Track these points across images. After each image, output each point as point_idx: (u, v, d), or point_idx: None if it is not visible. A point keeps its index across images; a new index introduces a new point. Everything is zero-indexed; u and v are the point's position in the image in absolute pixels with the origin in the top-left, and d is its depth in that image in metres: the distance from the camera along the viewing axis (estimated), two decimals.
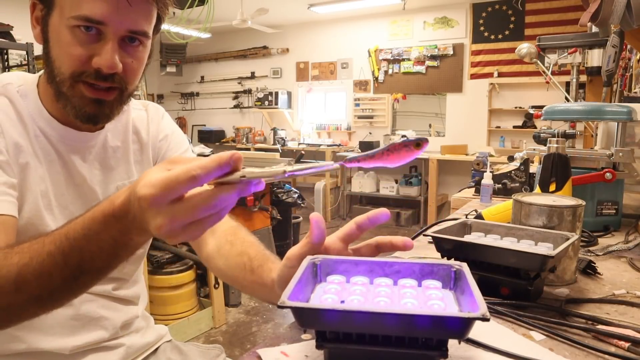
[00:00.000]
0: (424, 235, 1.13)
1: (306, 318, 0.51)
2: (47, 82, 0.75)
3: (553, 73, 2.53)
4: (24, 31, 4.28)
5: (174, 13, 4.43)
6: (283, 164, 0.50)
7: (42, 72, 0.81)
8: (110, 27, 0.70)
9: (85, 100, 0.73)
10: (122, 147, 0.90)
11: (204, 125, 7.87)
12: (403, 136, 0.55)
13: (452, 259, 0.79)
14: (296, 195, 3.80)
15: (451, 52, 5.89)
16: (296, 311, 0.50)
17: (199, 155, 4.14)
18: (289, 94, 7.05)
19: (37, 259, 0.53)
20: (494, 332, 0.66)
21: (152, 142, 0.95)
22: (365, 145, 6.00)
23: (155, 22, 0.77)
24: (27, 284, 0.53)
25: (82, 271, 0.54)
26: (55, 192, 0.79)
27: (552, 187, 1.07)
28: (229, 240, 0.84)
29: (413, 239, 1.17)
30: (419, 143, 0.51)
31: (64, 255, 0.53)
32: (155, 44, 0.83)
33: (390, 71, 6.32)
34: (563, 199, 0.93)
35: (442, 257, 0.82)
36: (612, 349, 0.62)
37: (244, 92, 7.51)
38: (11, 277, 0.53)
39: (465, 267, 0.60)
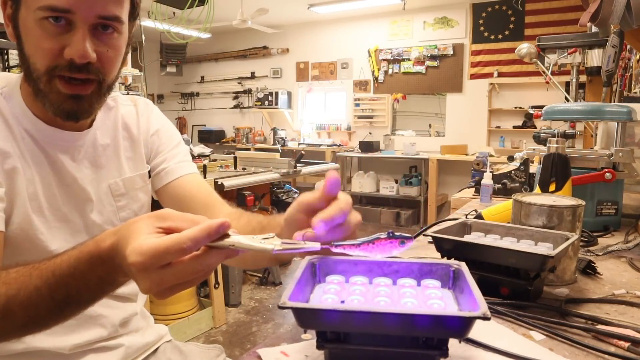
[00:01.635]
0: (424, 235, 1.13)
1: (307, 318, 0.51)
2: (25, 80, 0.74)
3: (553, 73, 2.53)
4: None
5: (174, 13, 4.44)
6: (273, 241, 0.51)
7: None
8: (78, 14, 0.68)
9: (62, 97, 0.71)
10: (112, 145, 0.88)
11: (204, 125, 7.87)
12: (390, 232, 0.57)
13: (452, 258, 0.79)
14: (296, 195, 3.80)
15: (451, 52, 5.89)
16: (297, 312, 0.50)
17: (199, 155, 4.14)
18: (289, 94, 7.06)
19: (24, 291, 0.54)
20: (494, 332, 0.66)
21: (144, 137, 0.94)
22: (365, 145, 6.00)
23: (129, 7, 0.75)
24: (14, 314, 0.55)
25: (68, 304, 0.55)
26: (45, 193, 0.78)
27: (552, 187, 1.07)
28: (235, 218, 0.84)
29: (413, 239, 1.17)
30: (403, 241, 0.56)
31: (51, 290, 0.54)
32: (155, 44, 0.82)
33: (390, 71, 6.32)
34: (563, 199, 0.93)
35: (442, 257, 0.82)
36: (612, 349, 0.62)
37: (244, 92, 7.51)
38: None
39: (464, 266, 0.61)
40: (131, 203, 0.91)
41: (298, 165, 3.55)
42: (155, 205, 0.97)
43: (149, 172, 0.94)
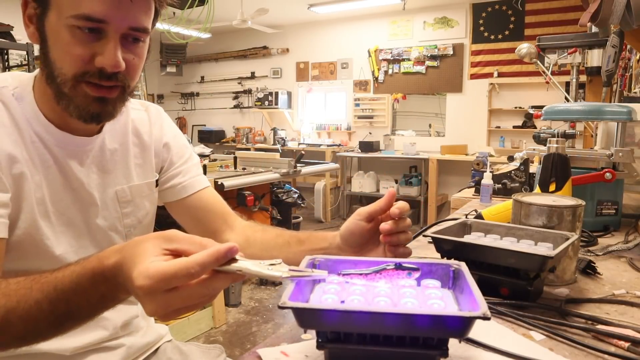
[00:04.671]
0: (424, 235, 1.13)
1: (307, 318, 0.51)
2: (46, 82, 0.74)
3: (553, 73, 2.53)
4: (24, 31, 4.27)
5: (174, 13, 4.44)
6: (280, 268, 0.51)
7: (37, 72, 0.79)
8: (112, 25, 0.69)
9: (89, 99, 0.72)
10: (120, 150, 0.88)
11: (204, 125, 7.87)
12: (397, 263, 0.60)
13: (452, 259, 0.79)
14: (296, 195, 3.80)
15: (451, 52, 5.89)
16: (297, 312, 0.50)
17: (199, 155, 4.14)
18: (289, 94, 7.05)
19: (24, 305, 0.54)
20: (494, 332, 0.66)
21: (155, 146, 0.93)
22: (365, 145, 5.99)
23: (153, 16, 0.76)
24: (13, 326, 0.55)
25: (68, 318, 0.55)
26: (52, 198, 0.78)
27: (552, 187, 1.07)
28: (258, 230, 0.92)
29: (413, 239, 1.17)
30: (410, 272, 0.58)
31: (51, 304, 0.54)
32: (155, 43, 0.82)
33: (390, 71, 6.32)
34: (563, 199, 0.93)
35: (442, 257, 0.82)
36: (612, 349, 0.62)
37: (244, 92, 7.51)
38: None
39: (463, 266, 0.61)
40: (136, 210, 0.90)
41: (298, 165, 3.55)
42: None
43: (157, 180, 0.94)
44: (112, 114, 0.77)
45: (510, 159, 2.07)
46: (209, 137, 7.37)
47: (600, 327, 0.67)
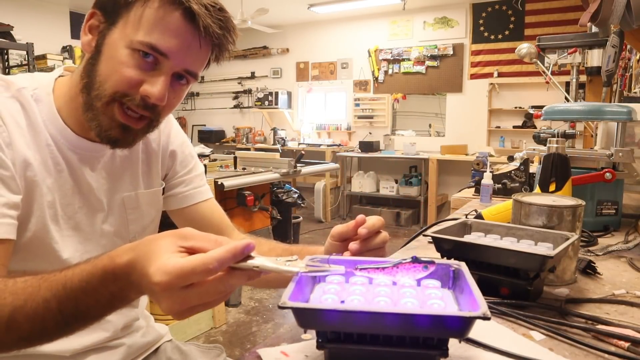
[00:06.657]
0: (424, 235, 1.13)
1: (307, 318, 0.51)
2: (81, 90, 0.73)
3: (553, 73, 2.53)
4: (24, 31, 4.28)
5: None
6: (297, 264, 0.52)
7: (56, 73, 0.79)
8: (171, 61, 0.70)
9: (114, 123, 0.72)
10: (129, 156, 0.88)
11: (204, 125, 7.87)
12: (413, 256, 0.60)
13: (452, 259, 0.79)
14: (296, 195, 3.80)
15: (451, 52, 5.89)
16: (297, 312, 0.50)
17: (199, 155, 4.14)
18: (289, 94, 7.06)
19: (31, 303, 0.53)
20: (494, 331, 0.66)
21: (162, 154, 0.94)
22: (365, 145, 6.00)
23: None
24: (19, 325, 0.54)
25: (76, 318, 0.54)
26: (61, 201, 0.78)
27: (552, 187, 1.07)
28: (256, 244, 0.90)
29: (413, 239, 1.17)
30: (426, 265, 0.59)
31: (60, 303, 0.53)
32: None
33: (390, 71, 6.32)
34: (563, 199, 0.93)
35: (442, 257, 0.82)
36: (612, 349, 0.62)
37: (244, 92, 7.51)
38: (3, 317, 0.54)
39: (463, 266, 0.61)
40: (142, 217, 0.91)
41: (298, 165, 3.55)
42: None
43: (163, 188, 0.95)
44: (131, 144, 0.77)
45: (510, 159, 2.07)
46: (209, 137, 7.37)
47: (600, 327, 0.67)
